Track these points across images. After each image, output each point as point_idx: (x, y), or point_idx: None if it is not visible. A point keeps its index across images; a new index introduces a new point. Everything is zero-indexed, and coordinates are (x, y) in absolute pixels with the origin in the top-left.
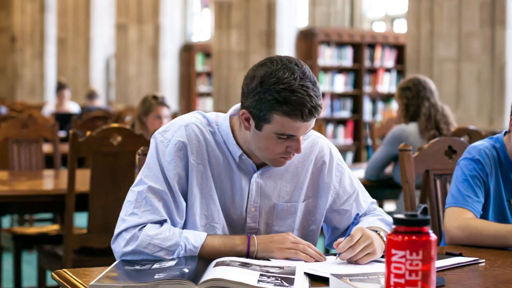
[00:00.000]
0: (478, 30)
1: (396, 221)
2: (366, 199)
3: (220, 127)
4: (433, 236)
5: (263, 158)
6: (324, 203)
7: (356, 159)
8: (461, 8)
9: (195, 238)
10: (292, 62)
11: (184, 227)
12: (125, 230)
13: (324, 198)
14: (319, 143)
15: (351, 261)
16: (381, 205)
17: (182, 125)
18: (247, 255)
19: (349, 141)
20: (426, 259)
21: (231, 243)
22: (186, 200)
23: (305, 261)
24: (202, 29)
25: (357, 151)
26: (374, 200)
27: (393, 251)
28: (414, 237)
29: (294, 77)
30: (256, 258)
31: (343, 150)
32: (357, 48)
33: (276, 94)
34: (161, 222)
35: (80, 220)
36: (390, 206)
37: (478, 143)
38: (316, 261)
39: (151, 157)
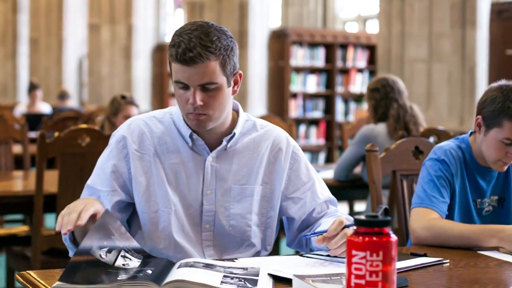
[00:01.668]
0: (449, 31)
1: (357, 222)
2: (323, 192)
3: (173, 116)
4: (393, 237)
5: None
6: (280, 189)
7: (329, 160)
8: (432, 9)
9: None
10: (205, 22)
11: (134, 214)
12: None
13: (279, 185)
14: (276, 131)
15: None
16: (351, 206)
17: (128, 122)
18: None
19: (321, 141)
20: (386, 260)
21: None
22: (131, 188)
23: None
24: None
25: (329, 151)
26: (334, 198)
27: (354, 252)
28: (374, 238)
29: (188, 27)
30: None
31: (315, 151)
32: (330, 49)
33: (171, 39)
34: None
35: (51, 221)
36: (360, 206)
37: (444, 144)
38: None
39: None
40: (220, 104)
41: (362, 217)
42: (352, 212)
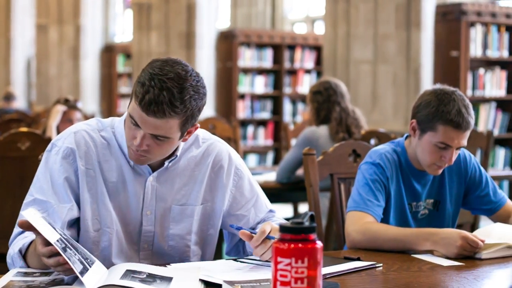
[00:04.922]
0: (394, 32)
1: (282, 229)
2: (266, 205)
3: (116, 131)
4: (319, 244)
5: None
6: (221, 207)
7: (277, 161)
8: (377, 10)
9: (23, 242)
10: (184, 69)
11: (78, 232)
12: (10, 242)
13: (221, 202)
14: (218, 148)
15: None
16: (295, 208)
17: (72, 131)
18: None
19: (269, 142)
20: (311, 266)
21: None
22: (79, 205)
23: None
24: (125, 30)
25: (277, 152)
26: (274, 209)
27: (279, 259)
28: (300, 245)
29: (165, 72)
30: None
31: (263, 152)
32: (277, 50)
33: (143, 74)
34: None
35: None
36: (305, 207)
37: (379, 147)
38: None
39: (41, 167)
40: (166, 152)
41: (288, 223)
42: (296, 214)
